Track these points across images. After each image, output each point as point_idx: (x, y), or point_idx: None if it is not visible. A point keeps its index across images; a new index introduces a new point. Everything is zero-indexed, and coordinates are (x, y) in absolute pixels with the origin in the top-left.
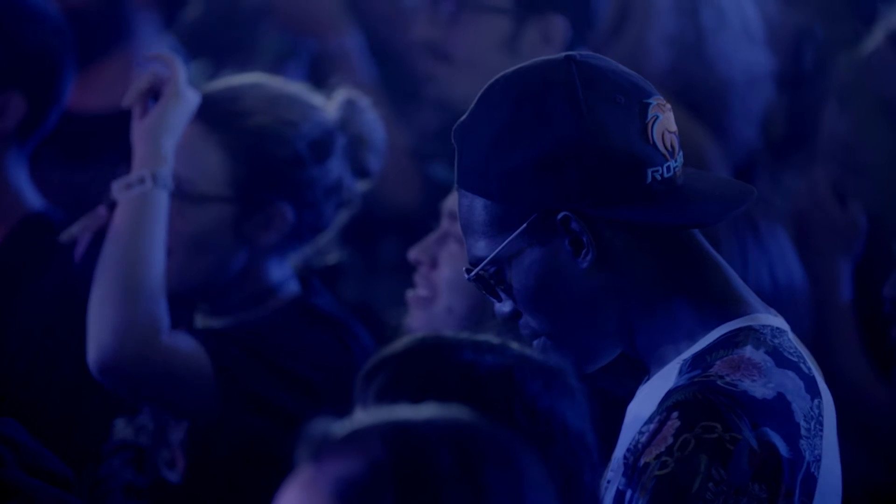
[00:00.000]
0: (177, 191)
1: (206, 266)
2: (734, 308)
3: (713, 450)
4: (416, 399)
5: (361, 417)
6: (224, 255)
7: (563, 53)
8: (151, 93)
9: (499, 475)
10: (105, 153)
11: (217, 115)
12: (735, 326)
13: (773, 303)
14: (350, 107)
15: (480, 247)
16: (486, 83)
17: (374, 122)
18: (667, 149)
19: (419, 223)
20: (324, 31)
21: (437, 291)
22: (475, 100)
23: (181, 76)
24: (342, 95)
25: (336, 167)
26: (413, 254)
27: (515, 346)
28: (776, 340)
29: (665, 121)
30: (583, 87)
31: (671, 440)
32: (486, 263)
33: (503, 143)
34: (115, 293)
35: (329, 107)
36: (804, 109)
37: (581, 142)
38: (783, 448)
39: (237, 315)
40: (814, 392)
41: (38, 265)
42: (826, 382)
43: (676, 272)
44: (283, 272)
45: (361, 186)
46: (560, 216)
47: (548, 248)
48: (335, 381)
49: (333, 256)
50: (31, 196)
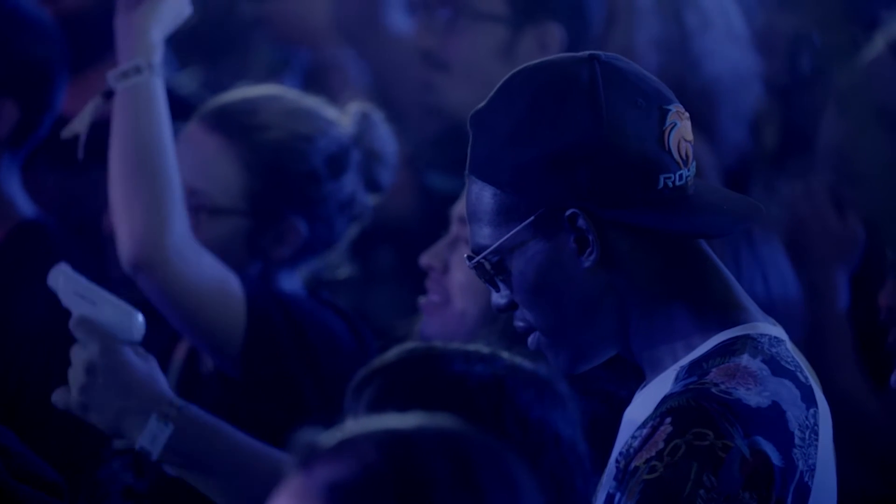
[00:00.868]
0: (193, 203)
1: None
2: (733, 316)
3: (704, 456)
4: (407, 409)
5: (352, 426)
6: (237, 268)
7: (587, 52)
8: None
9: (495, 482)
10: (99, 159)
11: (235, 129)
12: (733, 335)
13: (767, 311)
14: (364, 120)
15: (485, 234)
16: (504, 79)
17: (387, 137)
18: (681, 157)
19: (416, 232)
20: (318, 42)
21: (450, 296)
22: (495, 89)
23: None
24: (356, 108)
25: (350, 182)
26: (424, 259)
27: (506, 356)
28: (773, 349)
29: (682, 129)
30: (604, 87)
31: (662, 445)
32: (489, 252)
33: (519, 135)
34: (130, 186)
35: (344, 120)
36: (800, 116)
37: (597, 141)
38: (775, 457)
39: None
40: (810, 401)
41: (32, 272)
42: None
43: (678, 279)
44: (293, 284)
45: (372, 200)
46: (568, 213)
47: (552, 243)
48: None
49: (344, 270)
50: (24, 203)
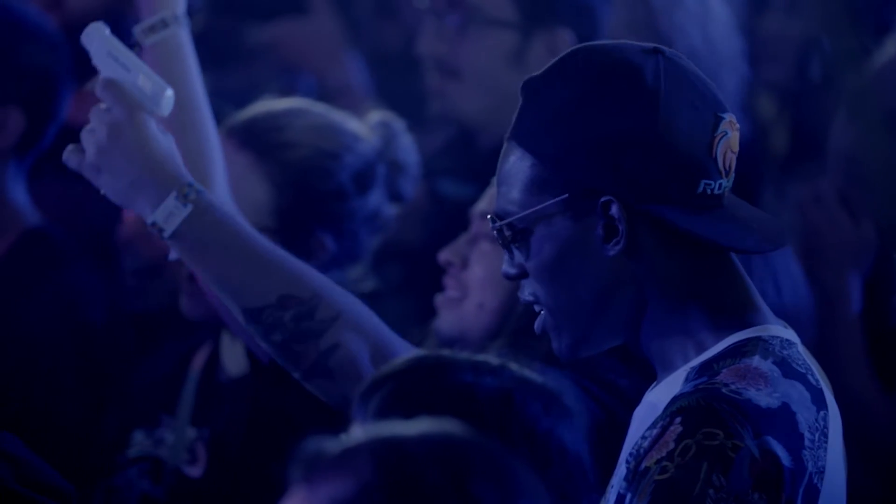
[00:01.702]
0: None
1: None
2: (746, 318)
3: (714, 456)
4: (413, 417)
5: (353, 435)
6: None
7: (652, 45)
8: None
9: (489, 489)
10: None
11: (263, 147)
12: (745, 336)
13: (777, 315)
14: (386, 130)
15: (513, 200)
16: (566, 52)
17: (410, 147)
18: (724, 167)
19: (428, 239)
20: (324, 67)
21: (468, 291)
22: (553, 61)
23: None
24: (377, 118)
25: (376, 196)
26: (443, 256)
27: (515, 368)
28: (785, 352)
29: (731, 140)
30: (665, 83)
31: (672, 445)
32: (515, 219)
33: (572, 113)
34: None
35: (368, 133)
36: (810, 120)
37: (650, 135)
38: (785, 458)
39: None
40: (820, 404)
41: (38, 280)
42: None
43: (699, 280)
44: None
45: (394, 210)
46: (604, 199)
47: (579, 225)
48: None
49: (368, 283)
50: (30, 211)
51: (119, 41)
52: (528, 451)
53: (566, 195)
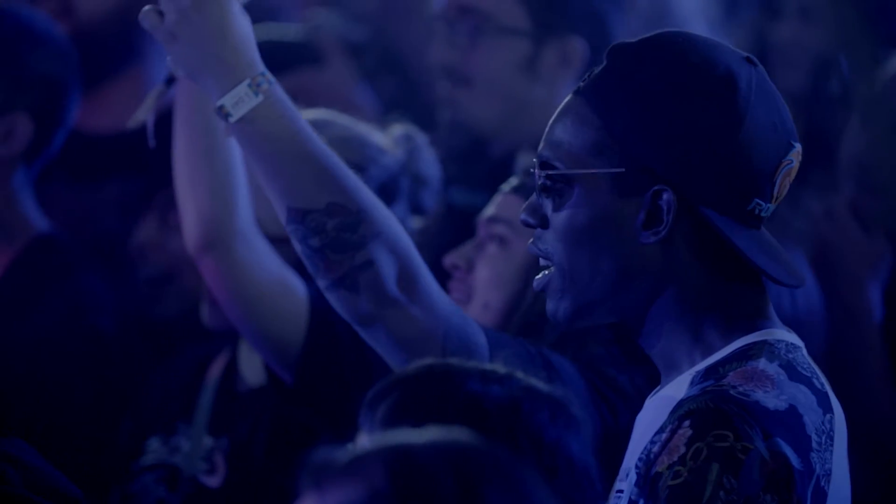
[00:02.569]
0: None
1: None
2: (753, 323)
3: (725, 458)
4: (421, 426)
5: (363, 443)
6: None
7: (746, 53)
8: None
9: (501, 496)
10: (115, 173)
11: None
12: (751, 340)
13: (792, 325)
14: (410, 143)
15: (564, 153)
16: (664, 32)
17: (432, 161)
18: (777, 193)
19: (439, 248)
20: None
21: (473, 292)
22: (651, 35)
23: None
24: (400, 131)
25: (399, 210)
26: (449, 259)
27: (521, 377)
28: (790, 355)
29: (792, 170)
30: (755, 96)
31: (683, 449)
32: (559, 174)
33: (657, 95)
34: (196, 169)
35: (391, 146)
36: (823, 129)
37: (729, 140)
38: (794, 459)
39: None
40: (826, 407)
41: (48, 287)
42: (852, 405)
43: (720, 288)
44: None
45: (416, 223)
46: (659, 186)
47: (623, 202)
48: None
49: None
50: (38, 218)
51: None
52: (536, 460)
53: (622, 169)
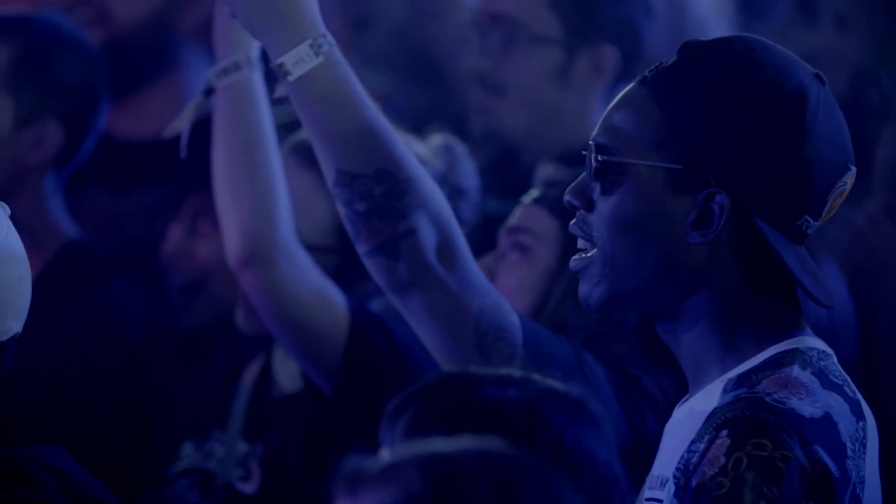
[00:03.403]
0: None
1: None
2: (787, 331)
3: (765, 468)
4: (443, 435)
5: (396, 451)
6: None
7: (815, 70)
8: None
9: (536, 501)
10: (150, 181)
11: None
12: (783, 348)
13: (828, 334)
14: (449, 154)
15: (622, 142)
16: (742, 35)
17: (471, 172)
18: (826, 214)
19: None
20: None
21: None
22: (726, 38)
23: None
24: (439, 141)
25: None
26: None
27: (538, 379)
28: (822, 363)
29: (845, 192)
30: (822, 114)
31: (724, 460)
32: (615, 161)
33: (725, 98)
34: (236, 183)
35: (430, 156)
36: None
37: (790, 153)
38: (832, 466)
39: None
40: (858, 414)
41: (78, 294)
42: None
43: (756, 298)
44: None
45: None
46: (713, 189)
47: (674, 199)
48: None
49: None
50: (68, 225)
51: None
52: (558, 461)
53: (679, 166)
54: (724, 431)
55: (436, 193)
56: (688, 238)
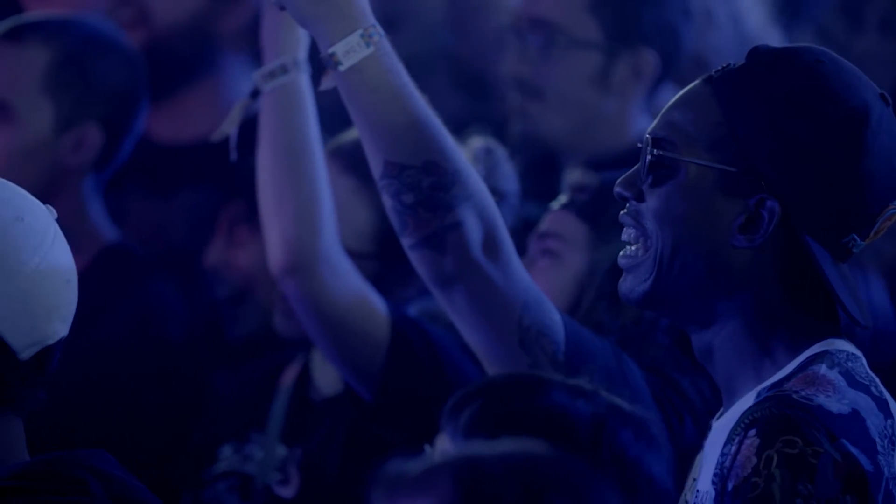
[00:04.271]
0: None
1: None
2: (819, 337)
3: (797, 465)
4: (504, 432)
5: (434, 456)
6: None
7: (880, 89)
8: None
9: None
10: (189, 183)
11: (368, 172)
12: (813, 352)
13: (871, 345)
14: (489, 158)
15: (679, 138)
16: (812, 47)
17: (511, 175)
18: (873, 235)
19: None
20: None
21: None
22: (797, 46)
23: None
24: (479, 144)
25: None
26: None
27: (606, 395)
28: (849, 364)
29: (894, 216)
30: (883, 134)
31: (756, 460)
32: (672, 157)
33: (788, 107)
34: (281, 189)
35: (471, 160)
36: None
37: (846, 169)
38: (864, 461)
39: None
40: (886, 412)
41: (118, 297)
42: None
43: (793, 307)
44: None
45: None
46: (764, 195)
47: (725, 199)
48: None
49: None
50: (108, 227)
51: None
52: (618, 476)
53: (734, 169)
54: (753, 431)
55: (481, 186)
56: (733, 240)
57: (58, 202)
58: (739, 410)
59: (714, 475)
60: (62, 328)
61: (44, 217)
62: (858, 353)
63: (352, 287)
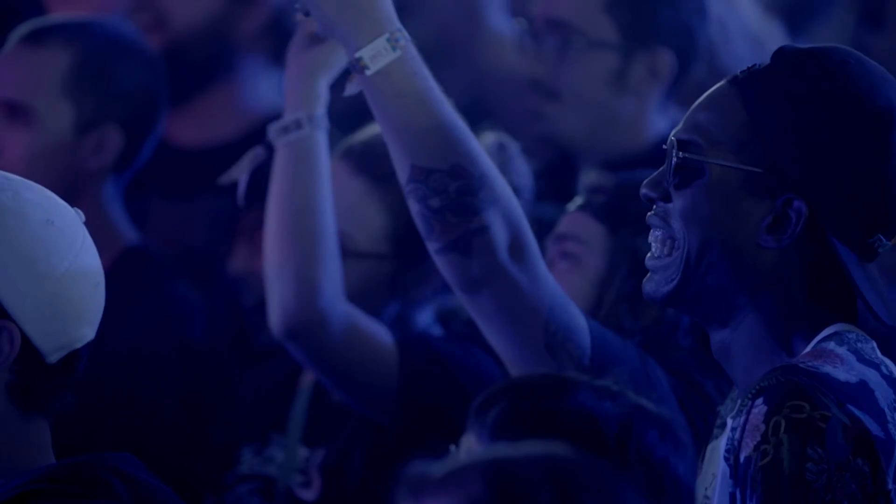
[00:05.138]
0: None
1: None
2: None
3: (805, 429)
4: (531, 432)
5: (460, 456)
6: (376, 308)
7: None
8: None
9: None
10: (207, 187)
11: (380, 173)
12: (824, 335)
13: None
14: (502, 153)
15: (705, 139)
16: (838, 47)
17: (525, 170)
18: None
19: None
20: None
21: None
22: (822, 47)
23: None
24: (492, 139)
25: None
26: None
27: (632, 396)
28: (859, 344)
29: None
30: None
31: (763, 427)
32: (697, 158)
33: (815, 109)
34: (284, 252)
35: None
36: None
37: (871, 169)
38: (873, 427)
39: None
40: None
41: (138, 300)
42: None
43: (817, 307)
44: (427, 319)
45: None
46: (792, 195)
47: (751, 199)
48: None
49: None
50: (128, 229)
51: None
52: (644, 478)
53: (759, 170)
54: (760, 399)
55: (507, 190)
56: (760, 240)
57: (78, 204)
58: None
59: (726, 451)
60: (90, 332)
61: (73, 220)
62: (871, 339)
63: (354, 335)
